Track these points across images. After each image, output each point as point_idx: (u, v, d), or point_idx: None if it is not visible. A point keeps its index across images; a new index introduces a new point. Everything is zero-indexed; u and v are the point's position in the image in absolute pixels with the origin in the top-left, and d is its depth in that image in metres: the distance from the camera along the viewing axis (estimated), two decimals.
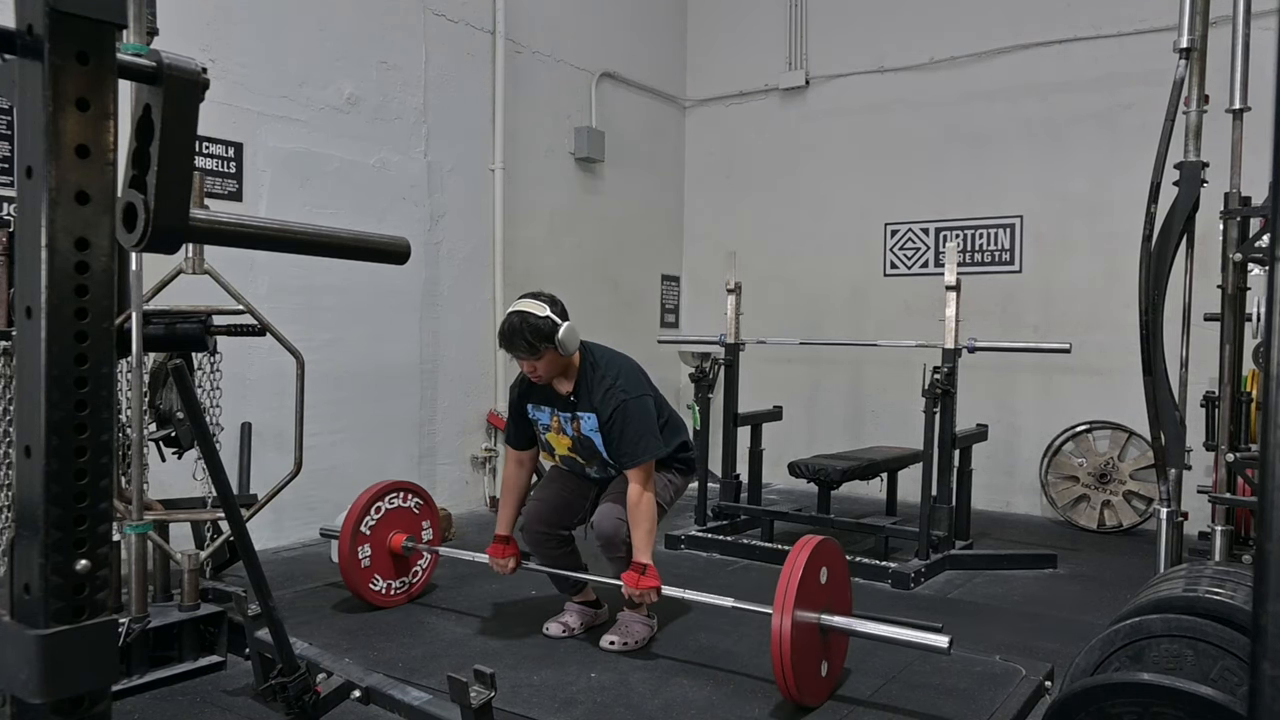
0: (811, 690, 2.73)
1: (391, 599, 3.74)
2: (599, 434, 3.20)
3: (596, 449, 3.24)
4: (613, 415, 3.14)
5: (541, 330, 3.03)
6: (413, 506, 3.86)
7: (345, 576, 3.65)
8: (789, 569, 2.68)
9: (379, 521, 3.72)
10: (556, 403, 3.26)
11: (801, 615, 2.64)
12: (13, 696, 0.85)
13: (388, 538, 3.73)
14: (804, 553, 2.72)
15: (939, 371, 4.43)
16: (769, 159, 7.16)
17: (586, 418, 3.21)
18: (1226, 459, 3.45)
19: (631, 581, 3.07)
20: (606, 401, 3.15)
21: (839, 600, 2.87)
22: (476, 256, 5.84)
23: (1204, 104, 3.29)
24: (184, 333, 3.08)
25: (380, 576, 3.72)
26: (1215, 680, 1.88)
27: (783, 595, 2.62)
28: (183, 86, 0.90)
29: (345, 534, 3.63)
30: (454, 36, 5.64)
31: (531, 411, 3.34)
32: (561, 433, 3.29)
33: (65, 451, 0.84)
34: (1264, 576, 0.72)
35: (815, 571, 2.74)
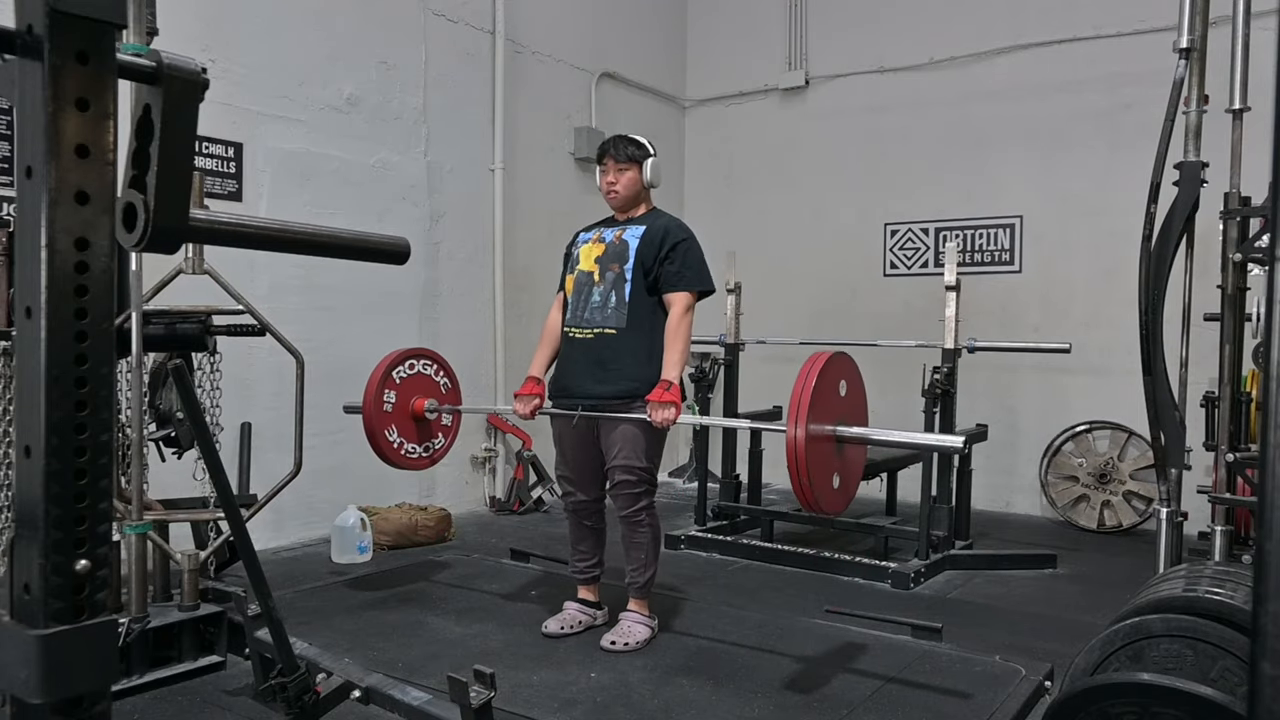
0: (829, 501, 2.69)
1: (406, 459, 3.72)
2: (638, 241, 3.31)
3: (626, 255, 3.31)
4: (678, 243, 3.31)
5: (640, 144, 3.39)
6: (441, 384, 3.84)
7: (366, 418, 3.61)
8: (802, 379, 2.62)
9: (407, 380, 3.70)
10: (609, 224, 3.45)
11: (816, 427, 2.59)
12: (13, 696, 0.85)
13: (411, 399, 3.71)
14: (817, 364, 2.66)
15: (939, 371, 4.43)
16: (769, 159, 7.16)
17: (634, 229, 3.36)
18: (1226, 459, 3.45)
19: (656, 396, 3.15)
20: (671, 230, 3.33)
21: (854, 414, 2.83)
22: (476, 256, 5.84)
23: (1204, 104, 3.28)
24: (184, 333, 3.08)
25: (397, 430, 3.68)
26: (1215, 680, 1.88)
27: (796, 405, 2.58)
28: (183, 86, 0.90)
29: (376, 375, 3.61)
30: (454, 36, 5.64)
31: (580, 237, 3.49)
32: (599, 242, 3.39)
33: (65, 451, 0.84)
34: (1264, 576, 0.72)
35: (831, 383, 2.69)
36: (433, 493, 5.48)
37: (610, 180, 3.38)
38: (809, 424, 2.56)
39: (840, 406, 2.75)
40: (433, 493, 5.48)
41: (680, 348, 3.25)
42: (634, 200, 3.41)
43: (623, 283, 3.30)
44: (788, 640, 3.36)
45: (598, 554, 3.51)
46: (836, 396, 2.73)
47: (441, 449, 3.87)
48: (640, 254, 3.28)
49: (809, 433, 2.56)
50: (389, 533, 4.73)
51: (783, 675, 3.03)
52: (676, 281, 3.29)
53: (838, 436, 2.71)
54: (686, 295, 3.30)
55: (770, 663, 3.14)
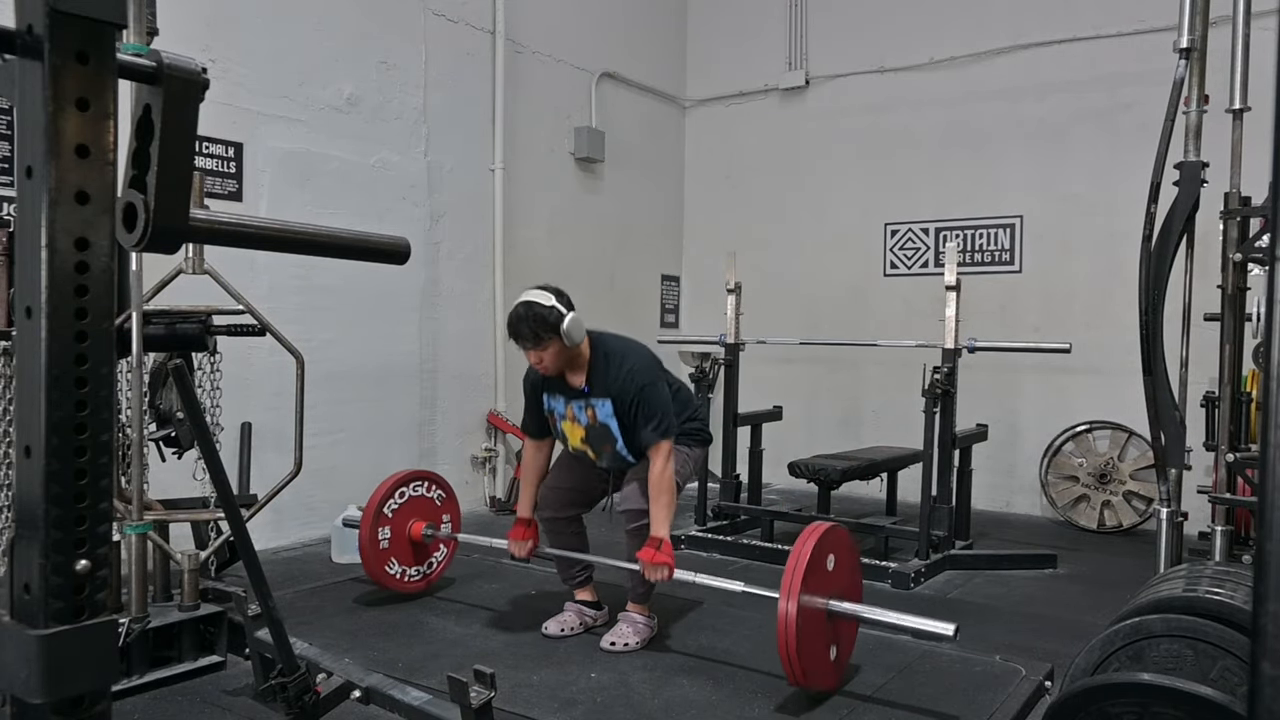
0: (819, 675, 2.72)
1: (407, 585, 3.76)
2: (615, 420, 3.23)
3: (611, 435, 3.26)
4: (632, 401, 3.18)
5: (547, 320, 3.07)
6: (435, 498, 3.87)
7: (363, 556, 3.66)
8: (796, 554, 2.67)
9: (401, 507, 3.74)
10: (570, 393, 3.29)
11: (808, 600, 2.63)
12: (13, 696, 0.85)
13: (408, 525, 3.75)
14: (811, 539, 2.71)
15: (939, 371, 4.43)
16: (769, 159, 7.16)
17: (601, 404, 3.24)
18: (1226, 459, 3.45)
19: (648, 556, 3.11)
20: (624, 388, 3.18)
21: (848, 586, 2.86)
22: (476, 256, 5.84)
23: (1204, 104, 3.29)
24: (184, 333, 3.08)
25: (397, 560, 3.73)
26: (1215, 680, 1.88)
27: (789, 580, 2.61)
28: (183, 86, 0.90)
29: (368, 514, 3.64)
30: (454, 36, 5.64)
31: (547, 401, 3.39)
32: (575, 422, 3.32)
33: (65, 451, 0.84)
34: (1264, 576, 0.72)
35: (822, 557, 2.73)
36: None
37: (535, 360, 3.19)
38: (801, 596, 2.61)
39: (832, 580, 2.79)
40: None
41: (665, 501, 3.14)
42: (570, 362, 3.22)
43: (623, 456, 3.32)
44: None
45: (584, 555, 3.52)
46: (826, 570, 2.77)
47: (439, 568, 3.93)
48: (624, 427, 3.23)
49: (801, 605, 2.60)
50: None
51: (783, 675, 3.03)
52: (648, 437, 3.18)
53: (829, 611, 2.76)
54: (662, 445, 3.17)
55: (770, 663, 3.14)
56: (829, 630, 2.78)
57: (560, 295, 3.15)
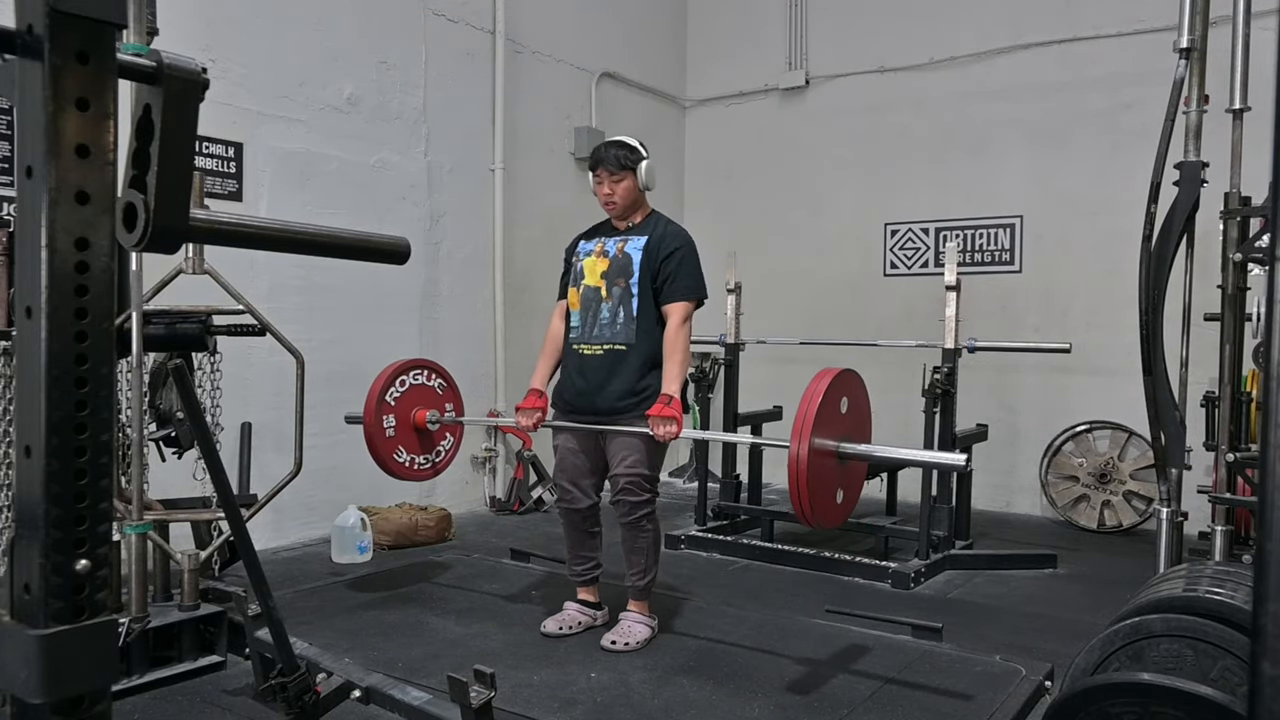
0: (826, 516, 2.70)
1: (416, 472, 3.72)
2: (641, 254, 3.31)
3: (630, 269, 3.31)
4: (672, 248, 3.31)
5: (630, 155, 3.33)
6: (436, 387, 3.82)
7: (370, 446, 3.61)
8: (809, 396, 2.63)
9: (403, 395, 3.69)
10: (609, 233, 3.42)
11: (819, 442, 2.61)
12: (13, 696, 0.85)
13: (412, 412, 3.70)
14: (824, 381, 2.67)
15: (939, 371, 4.43)
16: (769, 159, 7.15)
17: (635, 240, 3.35)
18: (1226, 459, 3.45)
19: (656, 412, 3.13)
20: (664, 238, 3.33)
21: (858, 429, 2.83)
22: (476, 256, 5.84)
23: (1204, 104, 3.29)
24: (184, 333, 3.08)
25: (405, 449, 3.69)
26: (1215, 680, 1.88)
27: (801, 422, 2.59)
28: (183, 86, 0.90)
29: (370, 403, 3.59)
30: (454, 36, 5.64)
31: (582, 246, 3.46)
32: (602, 256, 3.38)
33: (65, 451, 0.84)
34: (1264, 576, 0.72)
35: (835, 401, 2.70)
36: (433, 493, 5.48)
37: (606, 191, 3.33)
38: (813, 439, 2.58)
39: (844, 422, 2.76)
40: (433, 493, 5.48)
41: (679, 359, 3.23)
42: (632, 207, 3.38)
43: (630, 298, 3.30)
44: (788, 640, 3.36)
45: (595, 556, 3.52)
46: (839, 413, 2.74)
47: (448, 455, 3.88)
48: (644, 266, 3.29)
49: (812, 447, 2.57)
50: (389, 533, 4.73)
51: (783, 675, 3.03)
52: (672, 293, 3.28)
53: (840, 453, 2.72)
54: (684, 305, 3.28)
55: (770, 663, 3.14)
56: (838, 473, 2.74)
57: (643, 145, 3.42)
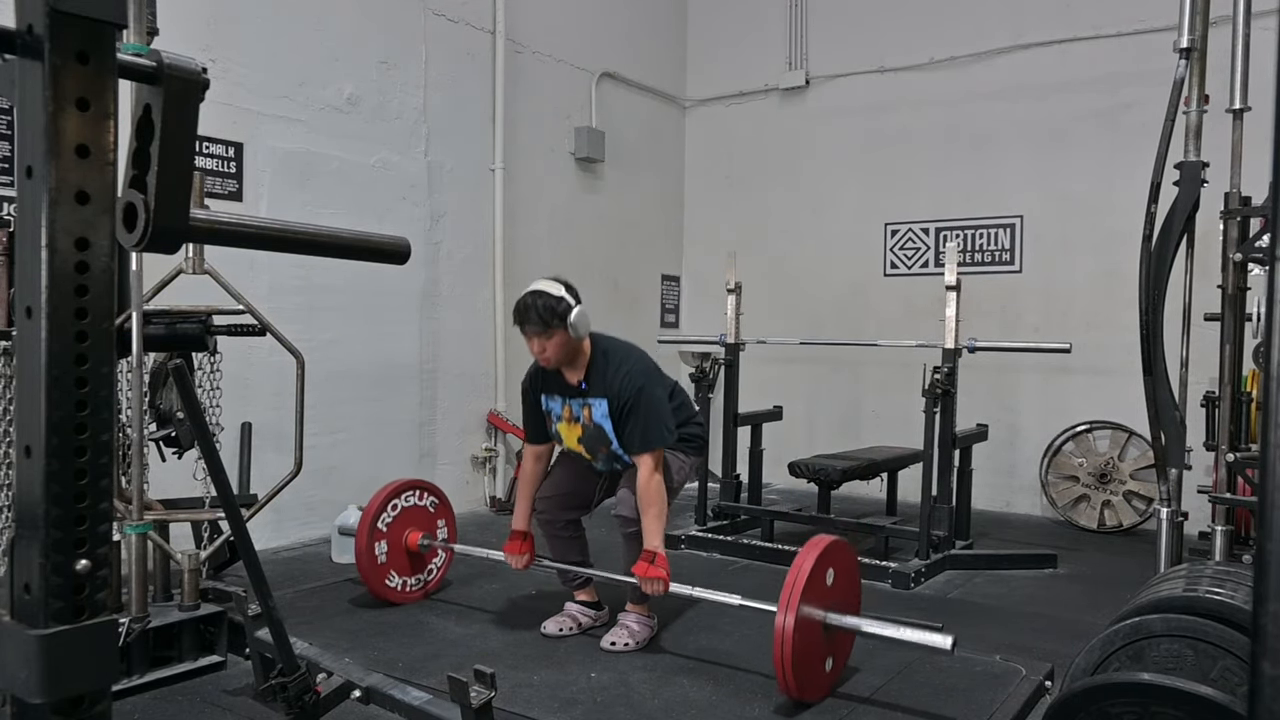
0: (812, 687, 2.74)
1: (407, 595, 3.76)
2: (609, 420, 3.21)
3: (606, 437, 3.25)
4: (626, 402, 3.16)
5: (555, 309, 3.08)
6: (428, 505, 3.88)
7: (362, 573, 3.67)
8: (796, 569, 2.69)
9: (395, 519, 3.73)
10: (567, 391, 3.29)
11: (806, 613, 2.64)
12: (13, 696, 0.85)
13: (404, 535, 3.74)
14: (812, 554, 2.72)
15: (939, 371, 4.43)
16: (769, 159, 7.16)
17: (597, 404, 3.23)
18: (1226, 459, 3.45)
19: (641, 571, 3.10)
20: (621, 389, 3.17)
21: (846, 599, 2.87)
22: (476, 256, 5.84)
23: (1204, 104, 3.29)
24: (184, 333, 3.08)
25: (396, 573, 3.73)
26: (1215, 680, 1.88)
27: (788, 595, 2.63)
28: (183, 86, 0.90)
29: (363, 530, 3.64)
30: (454, 36, 5.64)
31: (545, 402, 3.38)
32: (573, 421, 3.32)
33: (65, 451, 0.84)
34: (1264, 576, 0.72)
35: (822, 572, 2.74)
36: None
37: (538, 349, 3.16)
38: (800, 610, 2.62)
39: (831, 594, 2.79)
40: None
41: (655, 511, 3.12)
42: (570, 356, 3.20)
43: (618, 457, 3.31)
44: None
45: (583, 559, 3.54)
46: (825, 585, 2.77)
47: (438, 575, 3.92)
48: (618, 429, 3.22)
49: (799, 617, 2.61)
50: None
51: None
52: (639, 448, 3.16)
53: (826, 624, 2.76)
54: (651, 455, 3.16)
55: (770, 663, 3.14)
56: (825, 643, 2.78)
57: (569, 288, 3.17)
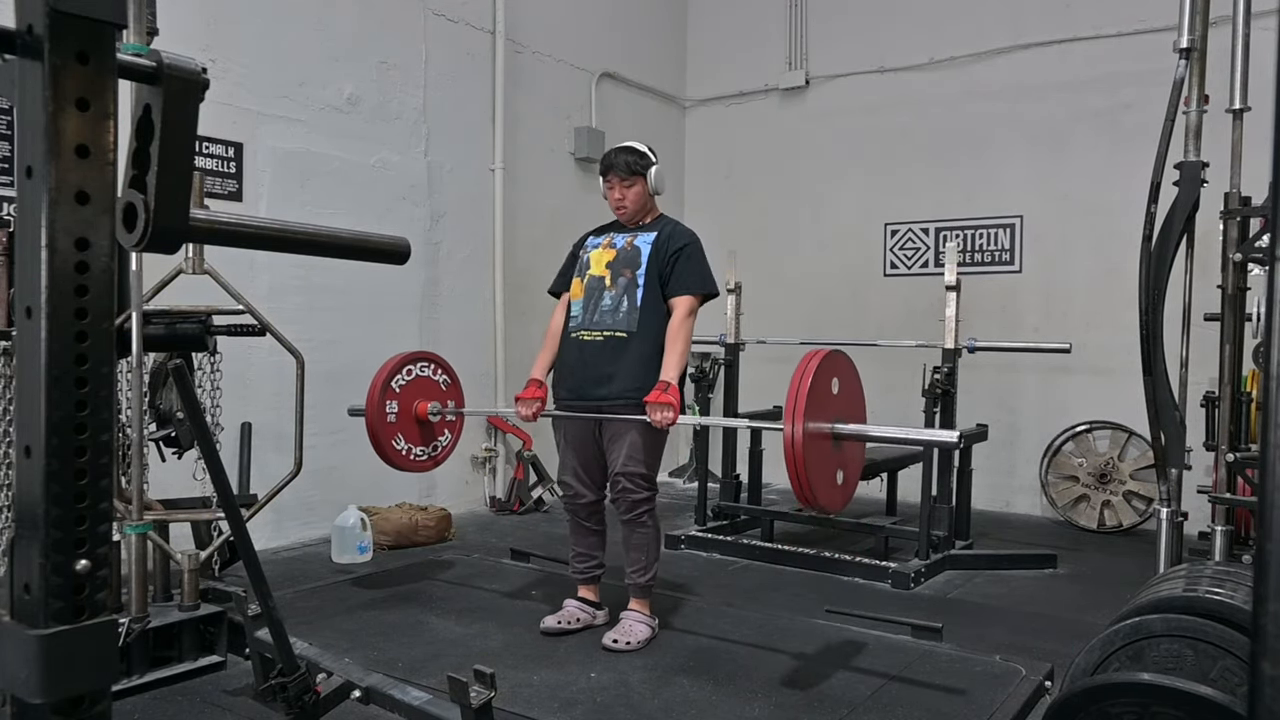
0: (828, 497, 2.69)
1: (412, 463, 3.72)
2: (650, 247, 3.35)
3: (639, 259, 3.35)
4: (676, 248, 3.34)
5: (641, 160, 3.39)
6: (440, 381, 3.82)
7: (370, 430, 3.60)
8: (797, 378, 2.62)
9: (408, 385, 3.69)
10: (619, 230, 3.48)
11: (813, 425, 2.59)
12: (13, 696, 0.85)
13: (414, 403, 3.70)
14: (812, 363, 2.66)
15: (939, 371, 4.43)
16: (769, 159, 7.16)
17: (645, 235, 3.40)
18: (1226, 459, 3.45)
19: (654, 397, 3.15)
20: (672, 235, 3.37)
21: (852, 410, 2.82)
22: (476, 256, 5.84)
23: (1204, 104, 3.29)
24: (184, 333, 3.08)
25: (404, 437, 3.68)
26: (1215, 680, 1.88)
27: (792, 404, 2.58)
28: (183, 86, 0.90)
29: (375, 387, 3.59)
30: (454, 36, 5.64)
31: (590, 241, 3.52)
32: (609, 248, 3.43)
33: (65, 451, 0.84)
34: (1264, 576, 0.72)
35: (826, 381, 2.68)
36: (433, 493, 5.48)
37: (618, 196, 3.39)
38: (806, 421, 2.56)
39: (837, 403, 2.74)
40: (433, 493, 5.48)
41: (680, 349, 3.26)
42: (642, 211, 3.44)
43: (635, 288, 3.32)
44: (788, 640, 3.36)
45: (598, 554, 3.52)
46: (832, 394, 2.72)
47: (446, 449, 3.87)
48: (652, 259, 3.33)
49: (806, 430, 2.56)
50: (389, 533, 4.73)
51: (783, 675, 3.03)
52: (679, 285, 3.32)
53: (835, 433, 2.71)
54: (689, 299, 3.31)
55: (770, 663, 3.14)
56: (835, 454, 2.72)
57: (652, 150, 3.46)
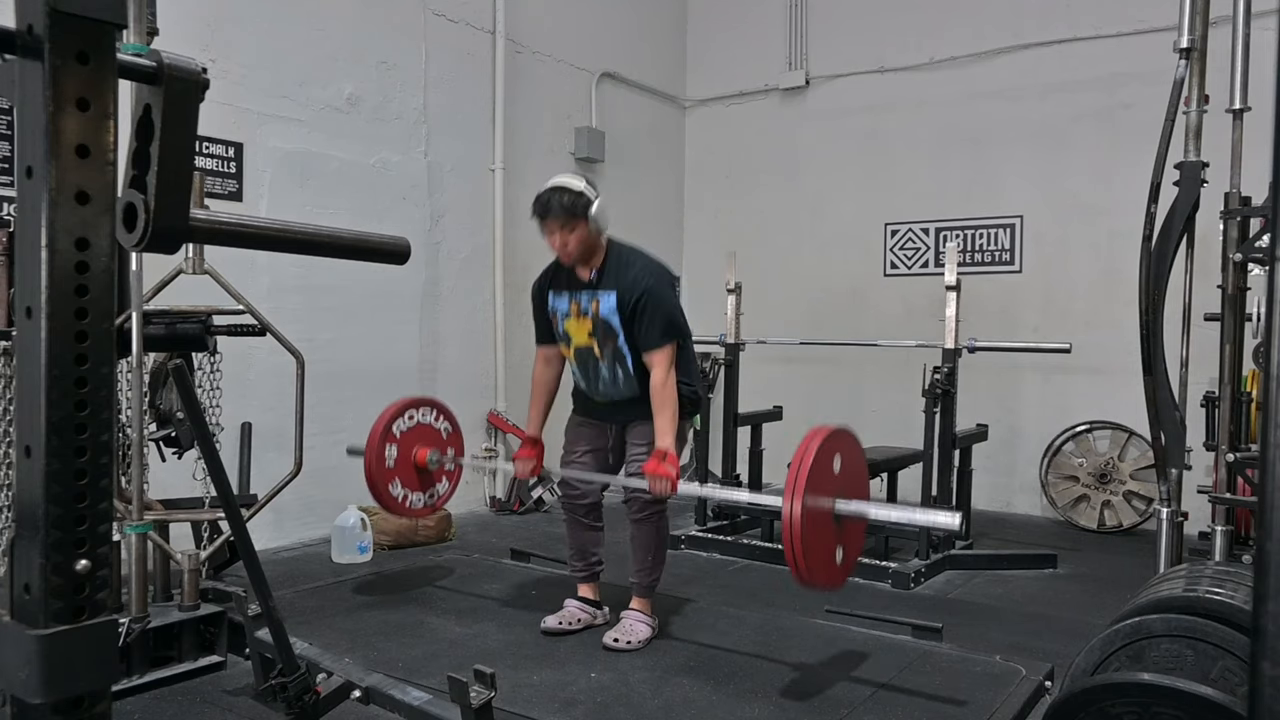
0: (825, 575, 2.67)
1: (408, 509, 3.71)
2: (617, 315, 3.21)
3: (614, 330, 3.24)
4: (636, 300, 3.17)
5: (578, 202, 3.13)
6: (442, 429, 3.81)
7: (368, 474, 3.58)
8: (800, 455, 2.60)
9: (408, 431, 3.68)
10: (576, 286, 3.30)
11: (813, 501, 2.57)
12: (13, 696, 0.85)
13: (414, 450, 3.69)
14: (815, 440, 2.63)
15: (939, 371, 4.43)
16: (769, 159, 7.16)
17: (606, 297, 3.23)
18: (1226, 459, 3.44)
19: (651, 469, 3.10)
20: (632, 284, 3.18)
21: (854, 487, 2.79)
22: (476, 256, 5.84)
23: (1204, 104, 3.28)
24: (184, 333, 3.08)
25: (401, 483, 3.67)
26: (1215, 680, 1.88)
27: (793, 481, 2.56)
28: (183, 86, 0.90)
29: (376, 431, 3.58)
30: (454, 36, 5.64)
31: (551, 300, 3.38)
32: (581, 316, 3.30)
33: (65, 451, 0.84)
34: (1264, 576, 0.72)
35: (828, 459, 2.66)
36: None
37: (559, 243, 3.19)
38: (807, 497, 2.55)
39: (838, 481, 2.72)
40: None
41: (668, 412, 3.14)
42: (589, 252, 3.23)
43: (624, 357, 3.28)
44: (788, 640, 3.36)
45: (597, 552, 3.53)
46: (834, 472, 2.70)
47: (443, 496, 3.88)
48: (625, 326, 3.22)
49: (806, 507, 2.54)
50: (389, 533, 4.73)
51: (783, 675, 3.03)
52: (647, 343, 3.17)
53: (836, 512, 2.70)
54: (661, 353, 3.17)
55: (770, 663, 3.14)
56: (835, 531, 2.70)
57: (589, 183, 3.22)
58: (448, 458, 3.79)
